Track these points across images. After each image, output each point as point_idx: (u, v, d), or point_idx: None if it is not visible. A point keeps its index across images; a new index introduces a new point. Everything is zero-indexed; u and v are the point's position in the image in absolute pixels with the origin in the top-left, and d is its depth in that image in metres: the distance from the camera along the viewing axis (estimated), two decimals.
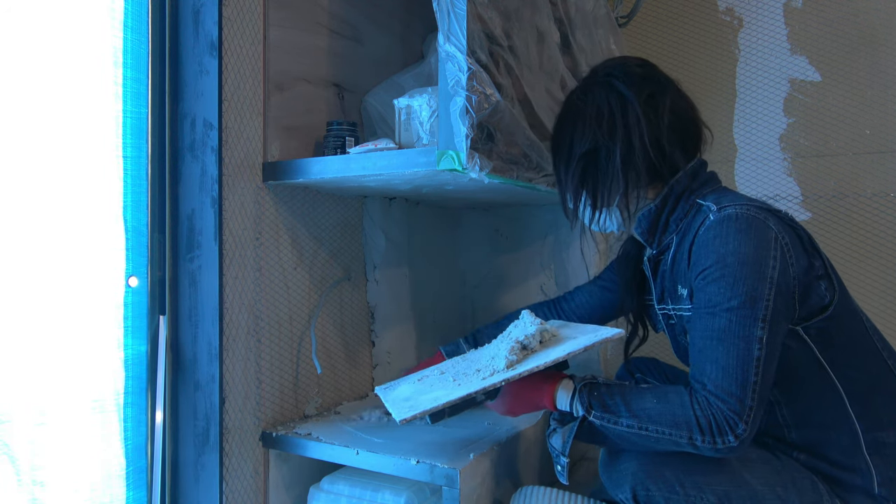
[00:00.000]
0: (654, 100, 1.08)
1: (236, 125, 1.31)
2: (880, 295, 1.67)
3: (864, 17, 1.69)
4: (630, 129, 1.06)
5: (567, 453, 1.06)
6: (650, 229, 1.11)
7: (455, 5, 1.13)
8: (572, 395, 1.05)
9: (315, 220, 1.52)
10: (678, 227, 1.08)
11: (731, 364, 0.93)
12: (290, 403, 1.44)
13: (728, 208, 0.99)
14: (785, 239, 0.97)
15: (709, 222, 1.00)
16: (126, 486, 1.23)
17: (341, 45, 1.60)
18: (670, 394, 0.98)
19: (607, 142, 1.07)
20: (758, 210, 0.98)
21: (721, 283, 0.95)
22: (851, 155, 1.70)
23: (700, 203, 1.06)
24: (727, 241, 0.96)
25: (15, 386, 1.07)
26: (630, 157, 1.06)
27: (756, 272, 0.93)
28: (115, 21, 1.22)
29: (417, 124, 1.28)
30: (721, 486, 0.99)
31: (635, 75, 1.10)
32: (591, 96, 1.11)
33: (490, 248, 2.06)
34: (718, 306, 0.95)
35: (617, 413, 0.99)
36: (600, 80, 1.12)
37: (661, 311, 1.17)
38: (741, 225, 0.96)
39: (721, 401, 0.92)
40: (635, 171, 1.07)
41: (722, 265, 0.95)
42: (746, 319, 0.93)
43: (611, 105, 1.08)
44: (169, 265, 1.29)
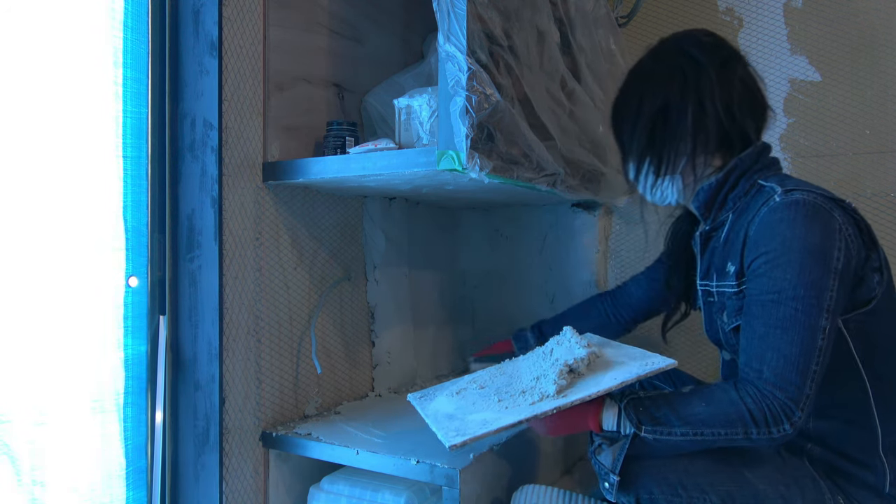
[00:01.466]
0: (726, 66, 1.08)
1: (236, 125, 1.31)
2: None
3: (864, 17, 1.69)
4: (702, 91, 1.06)
5: (618, 471, 1.02)
6: (708, 203, 1.11)
7: (455, 5, 1.13)
8: (618, 414, 1.02)
9: (315, 220, 1.52)
10: (735, 205, 1.08)
11: (795, 353, 0.92)
12: (290, 403, 1.44)
13: (795, 193, 0.98)
14: (849, 231, 0.96)
15: (774, 204, 0.98)
16: (126, 486, 1.23)
17: (341, 45, 1.60)
18: (716, 392, 0.97)
19: (679, 101, 1.06)
20: (824, 199, 0.97)
21: (787, 269, 0.94)
22: (851, 155, 1.69)
23: (762, 184, 1.05)
24: (794, 225, 0.95)
25: (15, 386, 1.07)
26: (702, 118, 1.06)
27: (822, 262, 0.93)
28: (115, 21, 1.22)
29: (417, 124, 1.28)
30: (724, 486, 0.99)
31: (708, 44, 1.10)
32: (662, 59, 1.11)
33: (490, 248, 2.06)
34: (783, 293, 0.94)
35: (669, 424, 0.97)
36: (671, 47, 1.12)
37: (703, 288, 1.16)
38: (808, 211, 0.95)
39: (779, 389, 0.92)
40: (705, 133, 1.06)
41: (788, 250, 0.94)
42: (812, 309, 0.92)
43: (683, 67, 1.08)
44: (169, 265, 1.29)
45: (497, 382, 1.20)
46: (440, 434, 1.06)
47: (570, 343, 1.16)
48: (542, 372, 1.11)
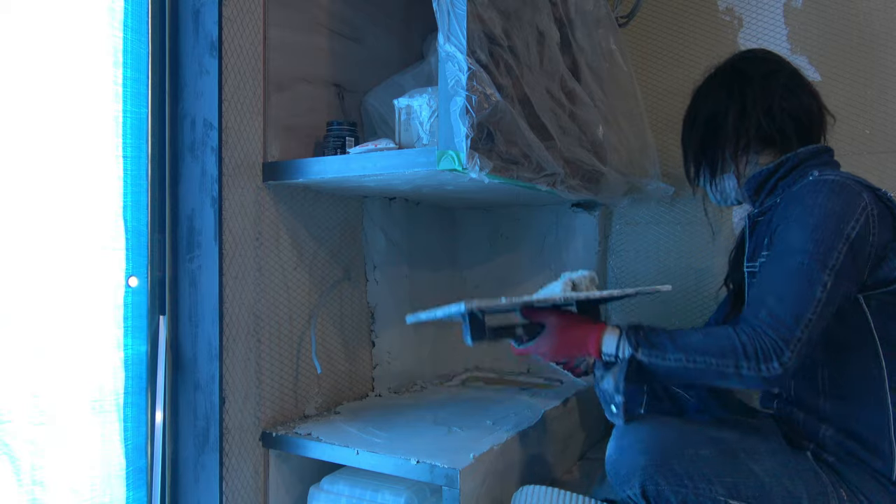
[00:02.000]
0: (770, 75, 1.20)
1: (236, 125, 1.31)
2: None
3: (864, 17, 1.69)
4: (745, 98, 1.19)
5: (622, 391, 1.08)
6: (758, 188, 1.19)
7: (455, 5, 1.13)
8: (619, 337, 1.09)
9: (315, 220, 1.52)
10: (784, 192, 1.14)
11: (791, 296, 0.98)
12: (290, 403, 1.44)
13: (829, 175, 1.06)
14: (874, 210, 1.02)
15: (806, 182, 1.08)
16: (126, 486, 1.23)
17: (341, 45, 1.60)
18: (714, 328, 1.04)
19: (724, 108, 1.21)
20: (856, 182, 1.04)
21: (802, 227, 1.02)
22: (851, 155, 1.69)
23: (814, 173, 1.11)
24: (817, 195, 1.03)
25: (15, 386, 1.07)
26: (743, 121, 1.18)
27: (836, 226, 0.99)
28: (115, 21, 1.22)
29: (417, 124, 1.28)
30: (729, 477, 1.00)
31: (756, 59, 1.25)
32: (716, 76, 1.27)
33: (490, 248, 2.06)
34: (793, 246, 1.01)
35: (664, 349, 1.04)
36: (727, 65, 1.27)
37: (749, 269, 1.21)
38: (835, 187, 1.03)
39: (772, 328, 0.97)
40: (746, 133, 1.18)
41: (808, 213, 1.02)
42: (816, 263, 0.98)
43: (731, 79, 1.23)
44: (169, 265, 1.29)
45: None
46: (454, 307, 1.05)
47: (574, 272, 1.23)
48: (550, 289, 1.18)
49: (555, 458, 1.54)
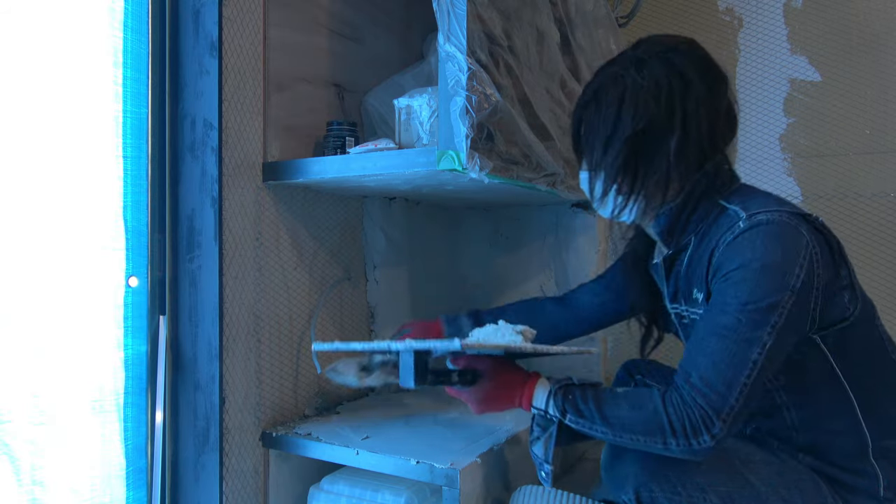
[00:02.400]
0: (715, 89, 1.00)
1: (236, 125, 1.31)
2: (881, 295, 1.67)
3: (864, 18, 1.69)
4: (689, 116, 0.98)
5: (550, 460, 1.04)
6: (669, 229, 1.05)
7: (455, 5, 1.13)
8: (548, 395, 1.03)
9: (315, 220, 1.52)
10: (697, 228, 1.02)
11: (724, 360, 0.90)
12: (290, 403, 1.44)
13: (759, 215, 0.94)
14: (815, 248, 0.92)
15: (737, 230, 0.94)
16: (126, 486, 1.23)
17: (341, 45, 1.60)
18: (644, 398, 0.96)
19: (664, 124, 0.98)
20: (790, 216, 0.93)
21: (741, 285, 0.91)
22: (851, 155, 1.69)
23: (724, 205, 1.00)
24: (755, 245, 0.91)
25: (15, 386, 1.07)
26: (685, 146, 0.98)
27: (779, 279, 0.90)
28: (115, 21, 1.22)
29: (417, 124, 1.28)
30: (724, 486, 0.99)
31: (696, 56, 1.01)
32: (647, 70, 0.99)
33: (490, 248, 2.06)
34: (730, 306, 0.91)
35: (591, 419, 0.98)
36: (658, 55, 1.00)
37: (674, 311, 1.13)
38: (772, 230, 0.92)
39: (702, 395, 0.89)
40: (686, 163, 0.99)
41: (745, 269, 0.91)
42: (756, 323, 0.89)
43: (671, 84, 0.98)
44: (169, 265, 1.29)
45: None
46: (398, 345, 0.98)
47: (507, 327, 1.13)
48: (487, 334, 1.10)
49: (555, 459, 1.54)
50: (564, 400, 1.00)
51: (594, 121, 1.03)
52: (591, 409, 0.98)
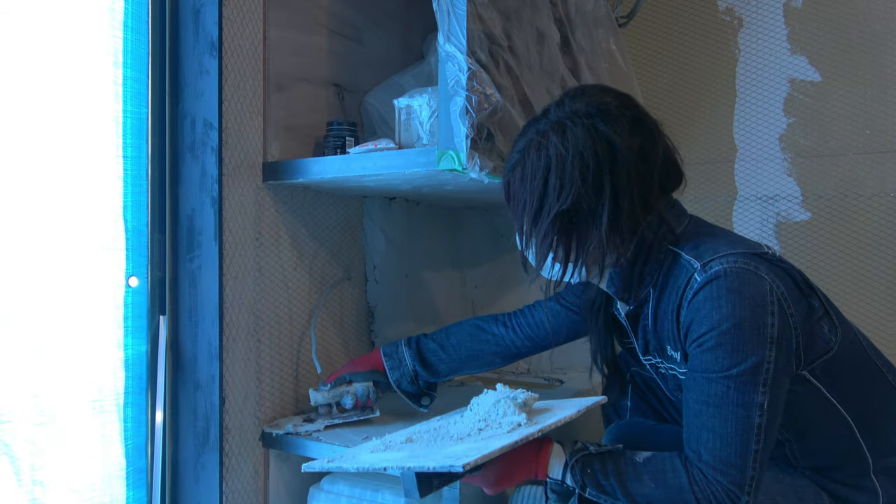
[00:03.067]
0: (645, 151, 0.94)
1: (236, 125, 1.31)
2: (880, 295, 1.67)
3: (864, 18, 1.69)
4: (619, 189, 0.92)
5: None
6: (624, 286, 1.00)
7: (455, 5, 1.13)
8: (564, 467, 0.96)
9: (315, 220, 1.52)
10: (654, 279, 0.97)
11: (730, 433, 0.87)
12: (290, 403, 1.44)
13: (713, 265, 0.89)
14: (780, 288, 0.89)
15: (696, 284, 0.90)
16: (126, 486, 1.23)
17: (341, 45, 1.60)
18: (668, 474, 0.91)
19: (592, 201, 0.92)
20: (745, 260, 0.89)
21: (718, 350, 0.87)
22: (851, 155, 1.69)
23: (675, 252, 0.95)
24: (720, 304, 0.87)
25: (15, 386, 1.07)
26: (617, 219, 0.93)
27: (756, 335, 0.86)
28: (115, 21, 1.22)
29: (417, 124, 1.28)
30: None
31: (624, 119, 0.93)
32: (570, 139, 0.93)
33: (490, 248, 2.06)
34: (716, 373, 0.88)
35: (613, 496, 0.93)
36: (583, 122, 0.93)
37: (648, 363, 1.09)
38: (732, 283, 0.87)
39: (720, 473, 0.87)
40: (619, 234, 0.94)
41: (718, 332, 0.87)
42: (746, 386, 0.86)
43: (598, 156, 0.91)
44: (169, 265, 1.29)
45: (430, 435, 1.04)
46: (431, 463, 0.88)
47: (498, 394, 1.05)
48: (486, 414, 1.02)
49: None
50: (583, 474, 0.95)
51: (520, 192, 0.97)
52: (612, 484, 0.93)
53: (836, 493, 0.99)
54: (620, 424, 1.20)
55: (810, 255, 1.74)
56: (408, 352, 1.31)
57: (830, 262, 1.72)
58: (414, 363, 1.30)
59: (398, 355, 1.31)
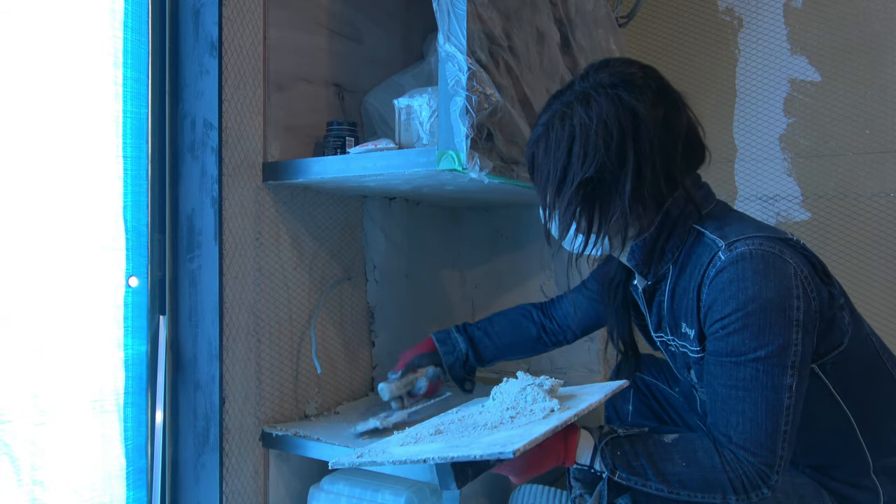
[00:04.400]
0: (668, 121, 0.94)
1: (236, 125, 1.31)
2: (881, 295, 1.67)
3: (864, 18, 1.69)
4: (642, 157, 0.92)
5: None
6: (645, 260, 1.00)
7: (455, 5, 1.13)
8: (593, 451, 0.95)
9: (315, 220, 1.52)
10: (675, 257, 0.98)
11: (760, 415, 0.87)
12: (290, 403, 1.44)
13: (738, 245, 0.89)
14: (804, 271, 0.89)
15: (719, 263, 0.89)
16: (126, 486, 1.23)
17: (341, 45, 1.60)
18: (699, 453, 0.91)
19: (615, 169, 0.92)
20: (771, 243, 0.89)
21: (745, 332, 0.87)
22: (851, 155, 1.70)
23: (699, 230, 0.96)
24: (745, 285, 0.87)
25: (15, 386, 1.07)
26: (640, 189, 0.93)
27: (782, 317, 0.86)
28: (115, 21, 1.22)
29: (417, 124, 1.28)
30: None
31: (648, 90, 0.93)
32: (594, 108, 0.93)
33: (490, 248, 2.06)
34: (744, 356, 0.88)
35: (644, 476, 0.92)
36: (606, 92, 0.93)
37: (659, 339, 1.09)
38: (758, 265, 0.87)
39: (751, 454, 0.87)
40: (643, 204, 0.94)
41: (744, 313, 0.87)
42: (776, 368, 0.86)
43: (621, 125, 0.92)
44: (169, 265, 1.29)
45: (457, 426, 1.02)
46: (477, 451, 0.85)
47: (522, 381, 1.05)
48: (514, 402, 1.01)
49: None
50: (613, 456, 0.94)
51: (544, 163, 0.98)
52: (643, 465, 0.92)
53: (836, 492, 0.99)
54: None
55: None
56: (460, 337, 1.37)
57: (830, 262, 1.72)
58: (467, 347, 1.36)
59: (451, 340, 1.37)
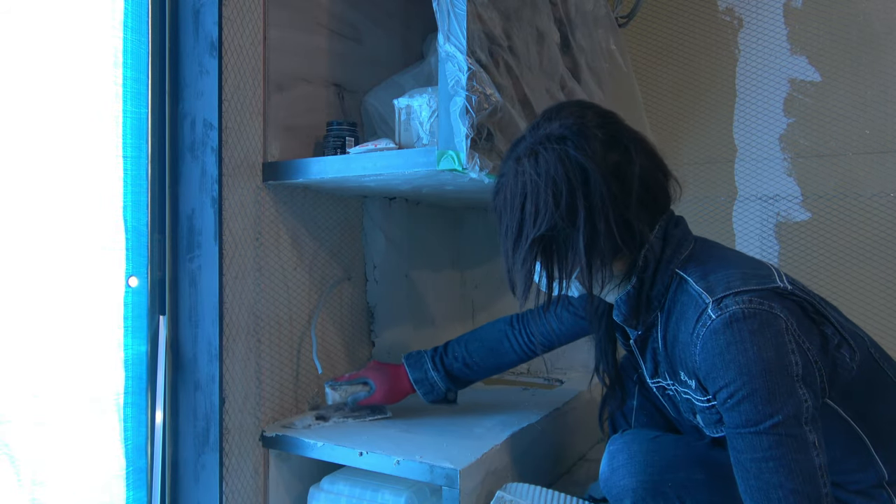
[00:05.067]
0: (619, 170, 0.92)
1: (236, 125, 1.31)
2: (880, 295, 1.67)
3: (864, 17, 1.69)
4: (594, 211, 0.91)
5: None
6: (632, 313, 0.99)
7: (455, 5, 1.13)
8: None
9: (315, 220, 1.52)
10: (661, 303, 0.97)
11: (799, 482, 0.84)
12: (290, 403, 1.44)
13: (727, 303, 0.87)
14: (793, 325, 0.87)
15: (710, 322, 0.87)
16: (126, 486, 1.23)
17: (341, 45, 1.60)
18: None
19: (566, 226, 0.92)
20: (760, 299, 0.87)
21: (755, 398, 0.85)
22: (851, 155, 1.70)
23: (682, 276, 0.95)
24: (744, 347, 0.85)
25: (15, 386, 1.07)
26: (594, 241, 0.92)
27: (785, 377, 0.84)
28: (115, 21, 1.22)
29: (417, 124, 1.28)
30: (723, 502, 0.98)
31: (596, 140, 0.92)
32: (542, 166, 0.93)
33: (490, 248, 2.06)
34: (761, 424, 0.85)
35: None
36: (554, 147, 0.93)
37: (655, 385, 1.08)
38: (753, 326, 0.85)
39: None
40: (600, 256, 0.93)
41: (749, 379, 0.85)
42: (796, 429, 0.84)
43: (570, 179, 0.91)
44: (169, 265, 1.29)
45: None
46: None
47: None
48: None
49: (554, 458, 1.54)
50: None
51: (503, 218, 0.99)
52: None
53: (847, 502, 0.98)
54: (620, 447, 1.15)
55: (810, 255, 1.74)
56: (437, 375, 1.38)
57: (830, 263, 1.72)
58: (445, 384, 1.38)
59: (429, 381, 1.39)
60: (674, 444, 1.09)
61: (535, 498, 1.21)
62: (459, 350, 1.39)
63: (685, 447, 1.08)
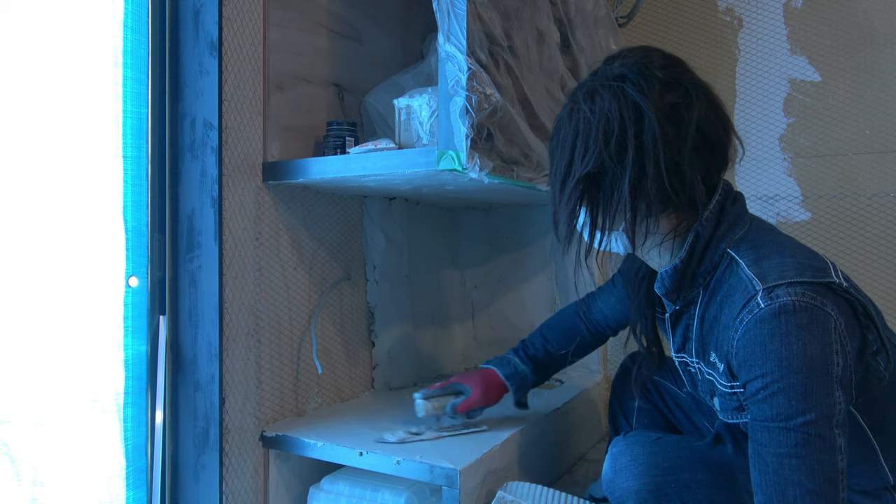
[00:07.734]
0: (676, 114, 0.89)
1: (236, 125, 1.31)
2: (880, 295, 1.67)
3: (864, 17, 1.69)
4: (644, 152, 0.88)
5: None
6: (675, 288, 0.97)
7: (455, 5, 1.13)
8: None
9: (315, 220, 1.52)
10: (706, 281, 0.94)
11: (819, 484, 0.82)
12: (290, 403, 1.44)
13: (779, 293, 0.83)
14: (841, 325, 0.83)
15: (758, 310, 0.84)
16: (126, 486, 1.23)
17: (341, 45, 1.60)
18: None
19: (614, 165, 0.89)
20: (814, 293, 0.83)
21: (791, 392, 0.82)
22: (851, 155, 1.70)
23: (734, 258, 0.91)
24: (789, 341, 0.82)
25: (15, 386, 1.07)
26: (641, 185, 0.88)
27: (825, 376, 0.81)
28: (115, 21, 1.22)
29: (417, 124, 1.28)
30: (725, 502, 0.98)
31: (655, 80, 0.89)
32: (598, 103, 0.90)
33: (490, 248, 2.06)
34: (792, 420, 0.82)
35: None
36: (611, 84, 0.90)
37: (679, 359, 1.07)
38: (802, 320, 0.82)
39: None
40: (646, 202, 0.89)
41: (788, 371, 0.82)
42: (826, 430, 0.82)
43: (623, 118, 0.88)
44: (169, 265, 1.29)
45: None
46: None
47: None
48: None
49: (555, 458, 1.54)
50: None
51: (553, 159, 0.97)
52: None
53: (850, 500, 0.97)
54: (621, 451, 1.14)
55: None
56: (527, 369, 1.36)
57: None
58: (534, 376, 1.37)
59: (519, 375, 1.36)
60: (676, 446, 1.08)
61: (536, 497, 1.21)
62: (538, 341, 1.39)
63: (687, 448, 1.07)
